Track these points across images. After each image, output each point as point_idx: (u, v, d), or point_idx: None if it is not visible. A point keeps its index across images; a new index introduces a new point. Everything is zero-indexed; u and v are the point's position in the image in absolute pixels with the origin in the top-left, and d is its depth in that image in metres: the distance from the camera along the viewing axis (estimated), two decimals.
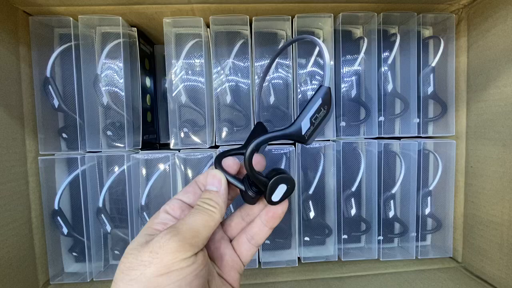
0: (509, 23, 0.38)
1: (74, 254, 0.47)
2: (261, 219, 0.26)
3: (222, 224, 0.28)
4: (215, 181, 0.24)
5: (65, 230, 0.44)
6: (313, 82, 0.47)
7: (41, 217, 0.43)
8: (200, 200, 0.23)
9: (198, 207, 0.23)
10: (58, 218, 0.44)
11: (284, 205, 0.25)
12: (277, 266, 0.47)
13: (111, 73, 0.44)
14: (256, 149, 0.22)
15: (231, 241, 0.27)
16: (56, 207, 0.43)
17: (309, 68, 0.47)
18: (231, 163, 0.25)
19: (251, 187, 0.24)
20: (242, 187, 0.24)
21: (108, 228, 0.45)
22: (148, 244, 0.19)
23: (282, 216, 0.25)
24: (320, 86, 0.22)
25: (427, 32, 0.50)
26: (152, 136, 0.53)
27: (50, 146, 0.43)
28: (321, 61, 0.47)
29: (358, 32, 0.49)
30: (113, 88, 0.44)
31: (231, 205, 0.45)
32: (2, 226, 0.37)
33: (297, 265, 0.47)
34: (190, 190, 0.25)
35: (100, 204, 0.44)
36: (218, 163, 0.25)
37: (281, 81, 0.47)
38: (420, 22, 0.45)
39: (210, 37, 0.45)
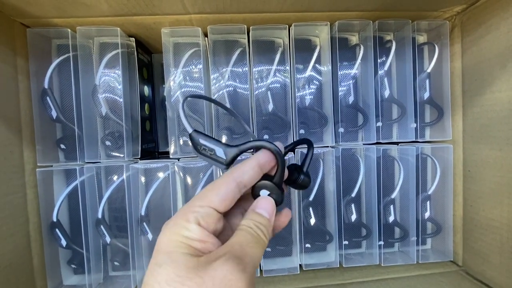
0: (501, 30, 0.39)
1: (73, 266, 0.46)
2: None
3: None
4: (268, 207, 0.23)
5: (63, 242, 0.43)
6: (311, 86, 0.48)
7: (39, 229, 0.43)
8: (253, 223, 0.22)
9: (254, 234, 0.21)
10: (57, 230, 0.43)
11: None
12: (278, 274, 0.47)
13: (110, 83, 0.44)
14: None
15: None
16: (54, 219, 0.43)
17: (308, 73, 0.47)
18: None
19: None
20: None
21: (108, 239, 0.44)
22: (208, 269, 0.18)
23: None
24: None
25: (421, 39, 0.51)
26: (151, 145, 0.53)
27: (48, 157, 0.43)
28: (319, 67, 0.48)
29: (354, 39, 0.50)
30: (112, 98, 0.44)
31: None
32: (1, 240, 0.36)
33: (298, 272, 0.47)
34: (230, 197, 0.22)
35: (100, 215, 0.44)
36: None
37: (278, 85, 0.47)
38: (415, 29, 0.46)
39: (208, 46, 0.45)
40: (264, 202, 0.23)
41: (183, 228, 0.20)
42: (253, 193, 0.24)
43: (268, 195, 0.24)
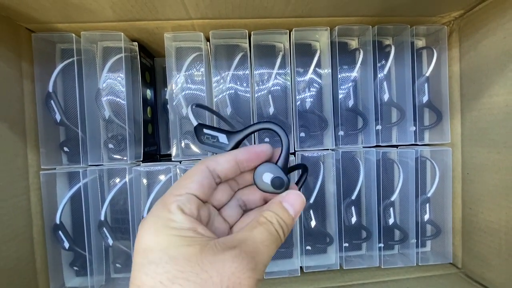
0: (498, 35, 0.39)
1: (75, 268, 0.47)
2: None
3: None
4: (297, 204, 0.21)
5: (66, 245, 0.44)
6: (311, 90, 0.48)
7: (42, 232, 0.43)
8: (276, 218, 0.20)
9: (273, 231, 0.19)
10: (60, 232, 0.43)
11: None
12: (279, 276, 0.47)
13: (113, 87, 0.44)
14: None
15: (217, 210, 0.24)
16: (57, 221, 0.43)
17: (308, 76, 0.48)
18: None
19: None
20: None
21: (110, 241, 0.44)
22: (214, 263, 0.17)
23: None
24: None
25: (420, 43, 0.51)
26: (153, 148, 0.53)
27: (51, 160, 0.44)
28: (319, 71, 0.49)
29: (353, 43, 0.51)
30: (115, 102, 0.44)
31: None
32: (4, 243, 0.37)
33: (299, 274, 0.47)
34: (206, 183, 0.21)
35: (102, 218, 0.44)
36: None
37: (279, 88, 0.48)
38: (413, 34, 0.47)
39: (210, 51, 0.46)
40: (294, 197, 0.21)
41: (168, 220, 0.18)
42: (254, 176, 0.23)
43: (272, 178, 0.23)
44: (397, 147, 0.49)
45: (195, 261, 0.17)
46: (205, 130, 0.24)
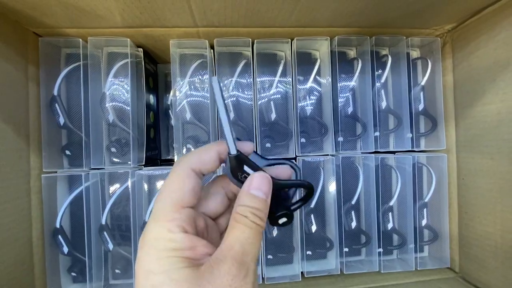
0: (489, 47, 0.42)
1: (73, 274, 0.46)
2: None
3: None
4: (264, 185, 0.21)
5: (65, 249, 0.43)
6: (311, 97, 0.50)
7: (42, 236, 0.42)
8: (249, 210, 0.20)
9: (252, 225, 0.19)
10: (59, 236, 0.43)
11: None
12: (280, 282, 0.47)
13: (118, 92, 0.45)
14: None
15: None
16: (57, 225, 0.43)
17: (309, 84, 0.49)
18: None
19: None
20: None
21: (110, 246, 0.44)
22: (210, 279, 0.18)
23: None
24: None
25: (415, 54, 0.54)
26: (154, 152, 0.53)
27: (53, 163, 0.44)
28: (319, 79, 0.50)
29: (352, 53, 0.53)
30: (119, 106, 0.45)
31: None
32: (4, 246, 0.36)
33: (300, 279, 0.47)
34: (197, 188, 0.21)
35: (103, 222, 0.44)
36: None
37: (280, 96, 0.49)
38: (409, 45, 0.49)
39: (214, 58, 0.47)
40: (258, 180, 0.21)
41: (169, 241, 0.18)
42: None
43: (284, 222, 0.23)
44: (394, 153, 0.50)
45: (195, 283, 0.17)
46: (246, 168, 0.21)
